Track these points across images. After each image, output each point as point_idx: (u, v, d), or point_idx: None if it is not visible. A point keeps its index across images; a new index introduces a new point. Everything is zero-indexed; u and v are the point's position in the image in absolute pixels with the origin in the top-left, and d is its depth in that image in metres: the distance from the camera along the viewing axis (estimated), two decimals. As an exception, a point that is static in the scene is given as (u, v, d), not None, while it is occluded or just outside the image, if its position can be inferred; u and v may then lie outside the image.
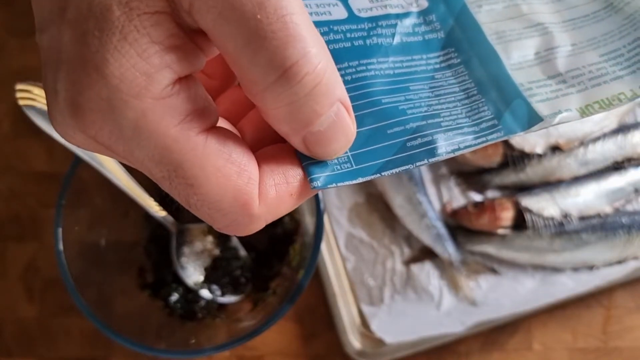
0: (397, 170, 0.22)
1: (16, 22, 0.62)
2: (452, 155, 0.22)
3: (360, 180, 0.21)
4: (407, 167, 0.22)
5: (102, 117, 0.18)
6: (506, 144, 0.56)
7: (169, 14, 0.18)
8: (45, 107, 0.44)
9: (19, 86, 0.44)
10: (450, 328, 0.53)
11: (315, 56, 0.18)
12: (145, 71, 0.17)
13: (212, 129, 0.19)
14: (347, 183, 0.21)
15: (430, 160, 0.22)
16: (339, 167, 0.21)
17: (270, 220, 0.21)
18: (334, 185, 0.21)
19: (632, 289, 0.56)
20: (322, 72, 0.18)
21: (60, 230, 0.47)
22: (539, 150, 0.56)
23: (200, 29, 0.18)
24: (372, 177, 0.21)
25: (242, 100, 0.24)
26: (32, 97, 0.44)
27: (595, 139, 0.56)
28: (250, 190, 0.19)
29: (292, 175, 0.21)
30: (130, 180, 0.48)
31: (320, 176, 0.21)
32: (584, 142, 0.56)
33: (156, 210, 0.51)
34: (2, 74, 0.61)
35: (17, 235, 0.58)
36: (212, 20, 0.17)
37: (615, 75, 0.24)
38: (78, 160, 0.47)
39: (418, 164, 0.22)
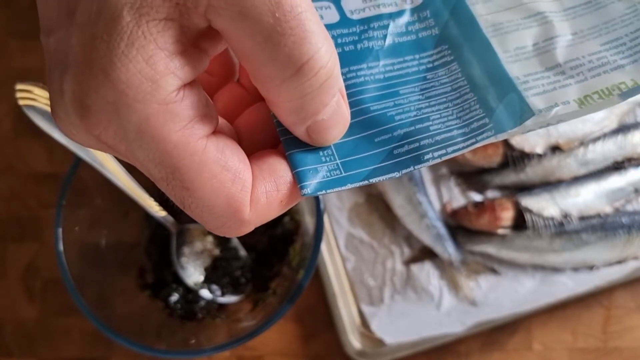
0: (384, 177, 0.22)
1: (16, 23, 0.62)
2: (439, 160, 0.22)
3: (349, 186, 0.22)
4: (393, 174, 0.22)
5: (108, 118, 0.18)
6: (506, 144, 0.56)
7: (177, 20, 0.18)
8: (45, 108, 0.44)
9: (19, 86, 0.44)
10: (450, 328, 0.53)
11: (327, 51, 0.19)
12: (150, 77, 0.18)
13: (211, 135, 0.20)
14: (336, 190, 0.22)
15: (416, 167, 0.22)
16: (328, 174, 0.22)
17: (258, 224, 0.22)
18: (324, 192, 0.21)
19: (632, 289, 0.56)
20: (333, 65, 0.19)
21: (60, 230, 0.47)
22: (539, 150, 0.56)
23: (205, 31, 0.19)
24: (361, 183, 0.22)
25: (240, 97, 0.24)
26: (33, 97, 0.44)
27: (595, 139, 0.56)
28: (242, 198, 0.20)
29: (283, 183, 0.21)
30: (131, 180, 0.48)
31: (310, 183, 0.21)
32: (584, 142, 0.56)
33: (156, 210, 0.51)
34: (3, 75, 0.61)
35: (17, 235, 0.58)
36: (229, 19, 0.18)
37: (616, 65, 0.23)
38: (78, 161, 0.47)
39: (404, 171, 0.22)
